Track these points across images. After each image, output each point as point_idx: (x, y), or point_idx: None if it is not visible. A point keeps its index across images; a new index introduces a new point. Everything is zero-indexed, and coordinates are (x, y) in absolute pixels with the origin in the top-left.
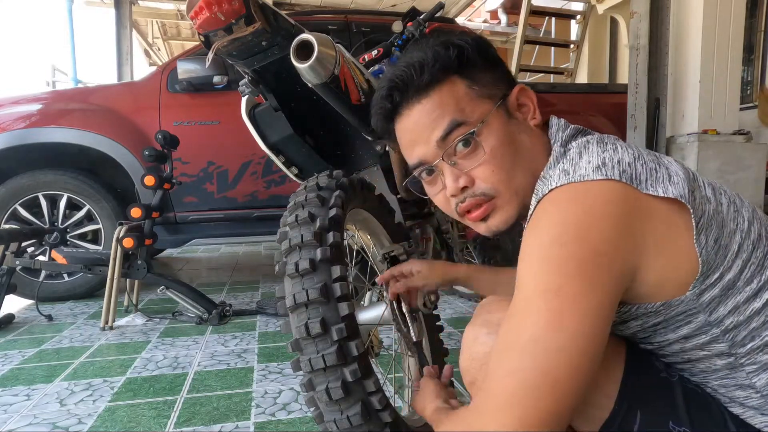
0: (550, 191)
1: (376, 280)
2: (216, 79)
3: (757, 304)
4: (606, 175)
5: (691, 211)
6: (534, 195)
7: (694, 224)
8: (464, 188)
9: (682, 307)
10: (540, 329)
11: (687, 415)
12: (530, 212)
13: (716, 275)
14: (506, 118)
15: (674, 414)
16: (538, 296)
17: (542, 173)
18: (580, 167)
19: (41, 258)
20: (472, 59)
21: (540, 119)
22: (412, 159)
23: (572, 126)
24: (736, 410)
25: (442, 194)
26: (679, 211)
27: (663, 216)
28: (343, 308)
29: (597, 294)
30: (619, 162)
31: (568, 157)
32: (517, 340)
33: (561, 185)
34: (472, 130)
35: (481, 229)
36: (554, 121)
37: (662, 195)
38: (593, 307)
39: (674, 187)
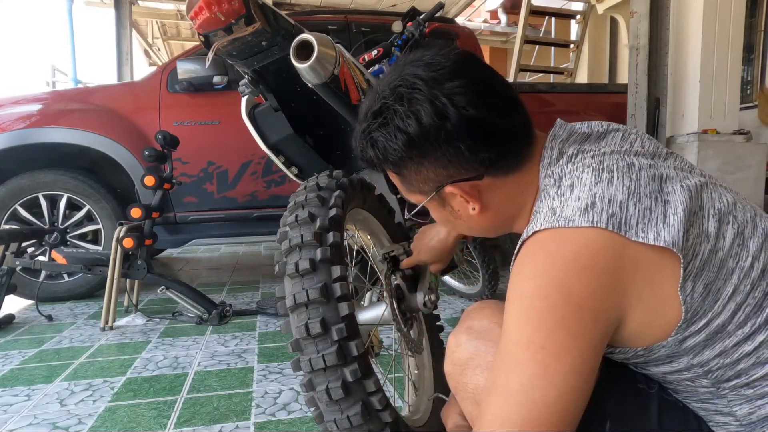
0: (534, 233)
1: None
2: (216, 79)
3: (748, 347)
4: (592, 221)
5: (681, 260)
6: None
7: (681, 272)
8: None
9: (664, 351)
10: (527, 382)
11: (659, 427)
12: (516, 250)
13: (703, 321)
14: (440, 207)
15: (645, 425)
16: (524, 348)
17: (534, 207)
18: (568, 206)
19: (41, 258)
20: (393, 168)
21: (479, 209)
22: None
23: (568, 146)
24: (717, 428)
25: None
26: (668, 257)
27: (649, 264)
28: (343, 308)
29: (580, 347)
30: (609, 202)
31: (559, 190)
32: (506, 387)
33: (545, 228)
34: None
35: None
36: (546, 154)
37: (652, 243)
38: (577, 360)
39: (667, 231)
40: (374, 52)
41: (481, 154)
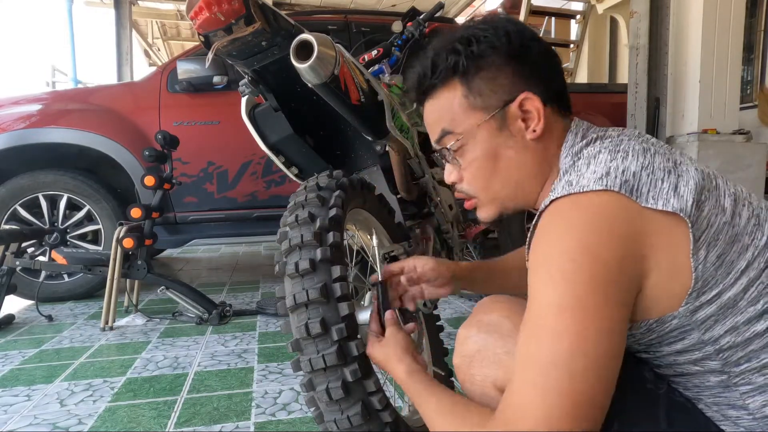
0: (551, 202)
1: (371, 279)
2: (216, 79)
3: (760, 326)
4: (606, 185)
5: (689, 225)
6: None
7: (691, 239)
8: (455, 182)
9: (675, 323)
10: (564, 351)
11: (667, 426)
12: (534, 221)
13: (714, 292)
14: (497, 131)
15: (653, 425)
16: (555, 314)
17: (553, 185)
18: (584, 177)
19: (41, 258)
20: (473, 67)
21: (540, 132)
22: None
23: (590, 132)
24: (729, 429)
25: None
26: (679, 224)
27: (662, 229)
28: (343, 308)
29: (612, 307)
30: (623, 172)
31: (575, 167)
32: (540, 357)
33: (562, 196)
34: (453, 142)
35: (477, 213)
36: (569, 137)
37: (661, 209)
38: (609, 321)
39: (677, 200)
40: (374, 52)
41: (554, 85)
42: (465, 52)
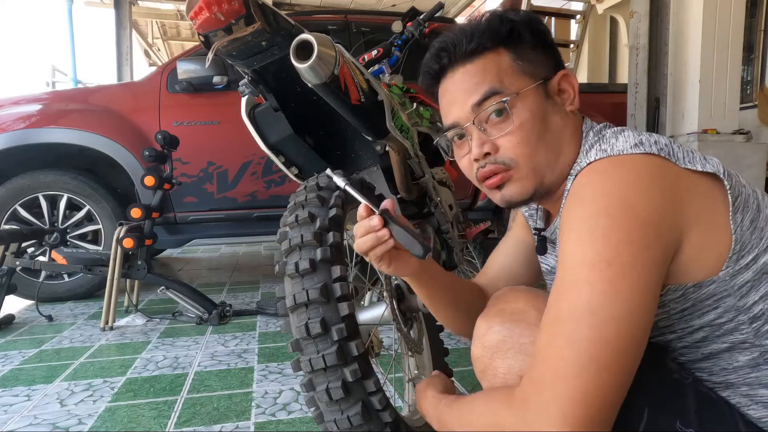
0: (588, 164)
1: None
2: (216, 79)
3: None
4: (644, 150)
5: (728, 186)
6: (570, 177)
7: (730, 200)
8: (487, 154)
9: (713, 288)
10: (596, 300)
11: (696, 417)
12: (566, 190)
13: (751, 256)
14: (543, 97)
15: (683, 415)
16: (589, 267)
17: (577, 159)
18: (618, 145)
19: (41, 258)
20: (522, 36)
21: (578, 106)
22: (447, 120)
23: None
24: (758, 413)
25: (467, 158)
26: (717, 187)
27: (702, 189)
28: (343, 308)
29: (647, 264)
30: (656, 142)
31: (604, 140)
32: (572, 311)
33: (600, 158)
34: (505, 99)
35: (497, 197)
36: (587, 121)
37: (700, 169)
38: (644, 276)
39: (711, 164)
40: (374, 52)
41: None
42: (524, 21)
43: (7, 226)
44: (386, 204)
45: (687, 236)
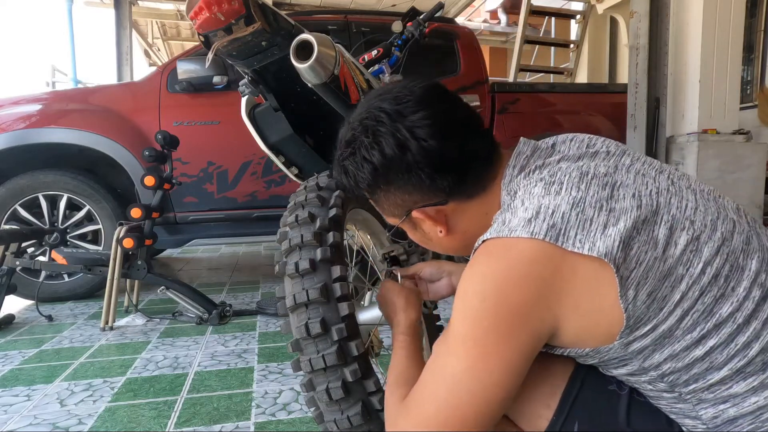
0: (483, 241)
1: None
2: (216, 79)
3: (699, 351)
4: (532, 232)
5: (615, 270)
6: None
7: (618, 282)
8: None
9: (612, 353)
10: (458, 374)
11: (627, 425)
12: (472, 253)
13: (647, 327)
14: (413, 228)
15: (613, 425)
16: (461, 342)
17: (494, 218)
18: (515, 218)
19: (41, 258)
20: (367, 189)
21: (445, 232)
22: None
23: (532, 160)
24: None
25: None
26: (606, 268)
27: (587, 273)
28: (343, 308)
29: (510, 350)
30: (552, 213)
31: (513, 203)
32: (440, 372)
33: (492, 237)
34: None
35: None
36: (507, 172)
37: (587, 254)
38: (505, 362)
39: (603, 242)
40: (374, 52)
41: (441, 182)
42: (350, 183)
43: (7, 226)
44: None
45: (563, 323)
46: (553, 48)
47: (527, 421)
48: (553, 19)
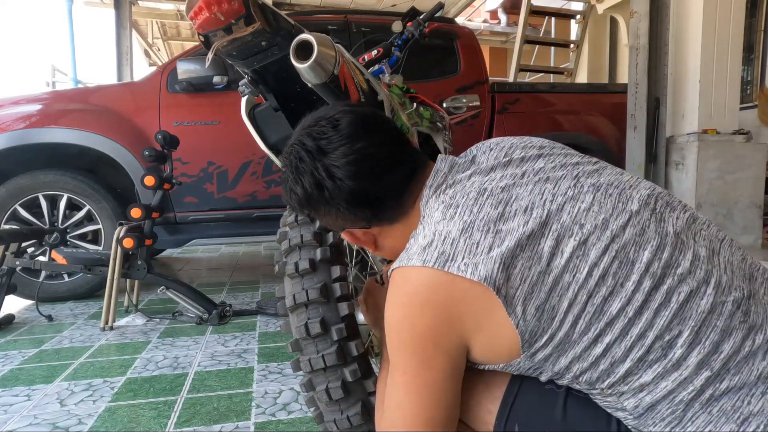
0: (392, 271)
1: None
2: (216, 79)
3: (598, 349)
4: (424, 260)
5: (495, 292)
6: None
7: (502, 302)
8: None
9: (524, 365)
10: (401, 398)
11: (563, 421)
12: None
13: (544, 338)
14: (353, 239)
15: (549, 422)
16: (397, 372)
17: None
18: (414, 245)
19: (41, 258)
20: (301, 212)
21: (373, 251)
22: None
23: (449, 177)
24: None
25: None
26: (489, 289)
27: (477, 295)
28: (343, 308)
29: (434, 372)
30: (444, 239)
31: (419, 228)
32: (390, 402)
33: (396, 267)
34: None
35: None
36: (425, 192)
37: (470, 278)
38: (430, 381)
39: (484, 265)
40: (374, 52)
41: (359, 213)
42: (290, 203)
43: (7, 226)
44: None
45: (471, 342)
46: (553, 48)
47: (476, 427)
48: (553, 19)
